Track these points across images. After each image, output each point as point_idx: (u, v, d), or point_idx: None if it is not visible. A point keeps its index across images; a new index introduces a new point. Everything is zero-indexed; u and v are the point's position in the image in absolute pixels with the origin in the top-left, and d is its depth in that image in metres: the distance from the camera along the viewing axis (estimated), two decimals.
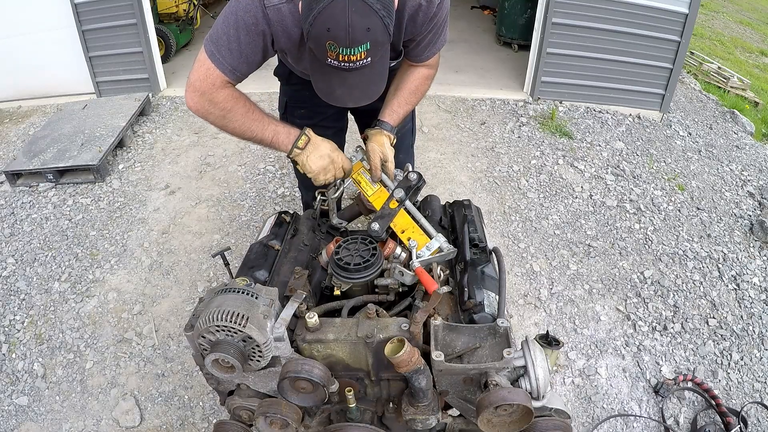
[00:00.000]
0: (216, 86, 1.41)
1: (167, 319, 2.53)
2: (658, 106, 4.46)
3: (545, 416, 1.09)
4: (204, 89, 1.41)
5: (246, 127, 1.48)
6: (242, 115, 1.46)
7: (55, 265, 2.85)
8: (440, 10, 1.44)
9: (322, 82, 1.30)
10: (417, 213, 1.49)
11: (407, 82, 1.68)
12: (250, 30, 1.35)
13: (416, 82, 1.68)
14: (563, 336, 2.49)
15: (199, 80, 1.40)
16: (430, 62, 1.67)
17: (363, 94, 1.31)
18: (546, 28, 4.16)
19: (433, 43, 1.58)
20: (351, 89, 1.28)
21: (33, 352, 2.40)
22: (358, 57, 1.16)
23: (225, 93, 1.43)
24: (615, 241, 3.09)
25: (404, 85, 1.68)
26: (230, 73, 1.41)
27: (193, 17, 6.04)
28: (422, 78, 1.69)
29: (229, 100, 1.44)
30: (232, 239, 3.02)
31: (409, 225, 1.46)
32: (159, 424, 2.12)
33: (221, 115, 1.46)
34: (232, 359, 1.04)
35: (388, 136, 1.63)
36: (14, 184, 3.47)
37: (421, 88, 1.71)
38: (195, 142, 3.98)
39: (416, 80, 1.68)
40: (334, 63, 1.18)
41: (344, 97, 1.30)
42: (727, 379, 2.35)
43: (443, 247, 1.39)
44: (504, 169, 3.67)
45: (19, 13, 4.22)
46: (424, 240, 1.41)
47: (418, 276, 1.27)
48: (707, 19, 8.88)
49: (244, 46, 1.37)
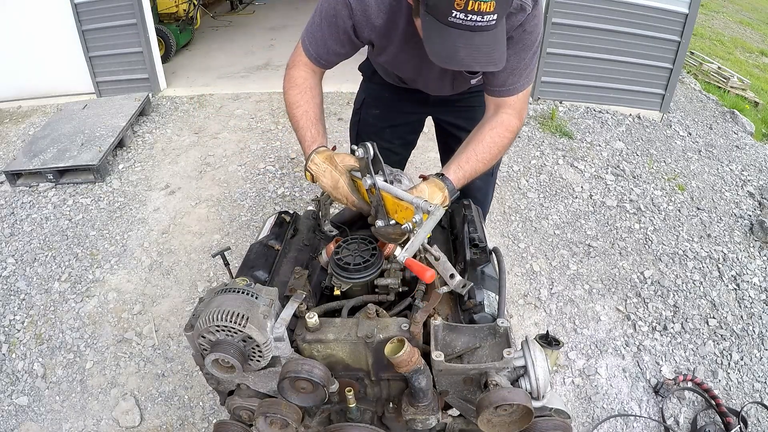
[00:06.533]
0: (296, 64, 1.51)
1: (167, 319, 2.53)
2: (658, 106, 4.46)
3: (545, 416, 1.09)
4: (291, 63, 1.53)
5: (291, 113, 1.50)
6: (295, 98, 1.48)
7: (55, 265, 2.85)
8: (529, 23, 1.31)
9: (440, 45, 1.14)
10: (389, 188, 1.28)
11: (483, 133, 1.43)
12: (331, 22, 1.39)
13: (493, 133, 1.42)
14: (563, 336, 2.49)
15: (292, 55, 1.53)
16: (511, 103, 1.44)
17: (489, 58, 1.16)
18: (546, 28, 4.16)
19: (516, 71, 1.39)
20: (477, 52, 1.13)
21: (33, 352, 2.40)
22: (487, 8, 1.06)
23: (300, 73, 1.50)
24: (615, 241, 3.09)
25: (479, 136, 1.43)
26: (315, 60, 1.49)
27: (193, 17, 6.05)
28: (502, 128, 1.43)
29: (298, 81, 1.49)
30: (232, 239, 3.02)
31: (394, 207, 1.28)
32: (159, 424, 2.12)
33: (286, 88, 1.51)
34: (232, 359, 1.04)
35: (442, 189, 1.32)
36: (14, 184, 3.47)
37: (499, 142, 1.43)
38: (195, 142, 3.98)
39: (493, 130, 1.42)
40: (460, 18, 1.07)
41: (468, 60, 1.14)
42: (727, 379, 2.35)
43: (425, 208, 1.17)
44: (504, 169, 3.67)
45: (19, 13, 4.22)
46: (410, 214, 1.22)
47: (408, 268, 1.16)
48: (707, 19, 8.88)
49: (327, 36, 1.43)
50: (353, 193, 1.33)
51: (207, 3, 7.50)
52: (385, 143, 1.94)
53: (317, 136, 1.43)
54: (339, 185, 1.32)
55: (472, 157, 1.40)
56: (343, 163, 1.34)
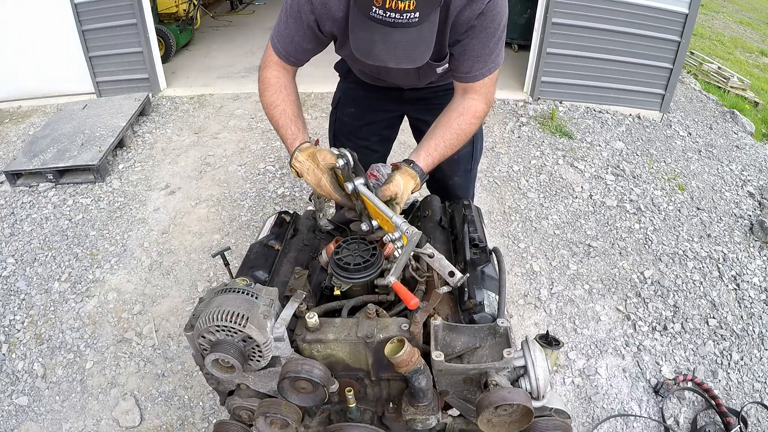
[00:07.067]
0: (267, 65, 1.53)
1: (167, 319, 2.53)
2: (658, 106, 4.46)
3: (545, 416, 1.09)
4: (262, 65, 1.54)
5: (269, 114, 1.51)
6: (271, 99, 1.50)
7: (55, 265, 2.85)
8: (490, 11, 1.32)
9: (361, 39, 1.19)
10: (371, 196, 1.30)
11: (450, 118, 1.47)
12: (296, 17, 1.41)
13: (460, 120, 1.46)
14: (563, 336, 2.49)
15: (263, 57, 1.55)
16: (478, 88, 1.48)
17: (406, 55, 1.19)
18: (546, 28, 4.16)
19: (481, 58, 1.42)
20: (394, 48, 1.16)
21: (33, 352, 2.40)
22: (405, 6, 1.07)
23: (272, 73, 1.51)
24: (615, 241, 3.09)
25: (446, 122, 1.47)
26: (284, 58, 1.50)
27: (193, 17, 6.05)
28: (469, 114, 1.47)
29: (271, 81, 1.51)
30: (232, 239, 3.02)
31: (376, 213, 1.30)
32: (159, 424, 2.12)
33: (261, 90, 1.52)
34: (232, 359, 1.04)
35: (414, 178, 1.40)
36: (14, 184, 3.47)
37: (466, 128, 1.47)
38: (195, 142, 3.98)
39: (461, 116, 1.47)
40: (379, 14, 1.10)
41: (384, 55, 1.18)
42: (727, 379, 2.35)
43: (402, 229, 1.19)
44: (504, 169, 3.67)
45: (19, 13, 4.22)
46: (391, 227, 1.24)
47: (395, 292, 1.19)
48: (707, 19, 8.88)
49: (293, 33, 1.44)
50: (336, 190, 1.37)
51: (207, 3, 7.49)
52: (363, 141, 1.95)
53: (298, 133, 1.46)
54: (321, 183, 1.36)
55: (440, 144, 1.45)
56: (325, 161, 1.34)
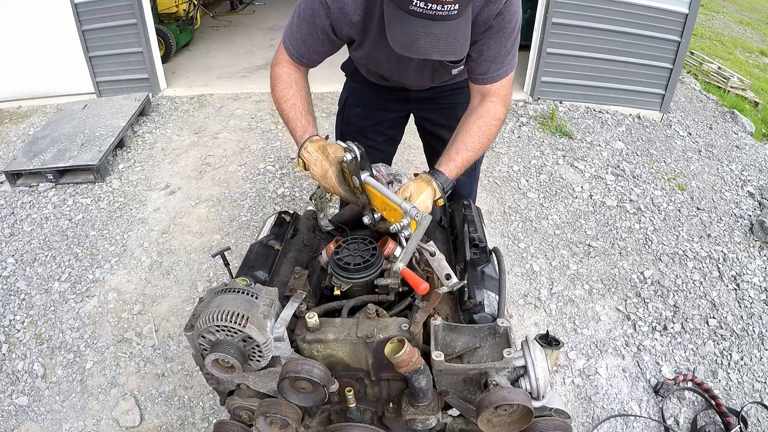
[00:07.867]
0: (279, 62, 1.55)
1: (167, 319, 2.53)
2: (658, 106, 4.46)
3: (545, 416, 1.09)
4: (274, 62, 1.57)
5: (280, 108, 1.52)
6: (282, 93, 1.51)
7: (55, 265, 2.85)
8: (507, 10, 1.32)
9: (401, 33, 1.16)
10: (379, 186, 1.32)
11: (470, 123, 1.45)
12: (310, 22, 1.41)
13: (480, 122, 1.44)
14: (563, 336, 2.49)
15: (275, 55, 1.57)
16: (495, 90, 1.46)
17: (449, 47, 1.17)
18: (546, 28, 4.16)
19: (497, 59, 1.41)
20: (436, 40, 1.14)
21: (33, 352, 2.40)
22: None
23: (284, 69, 1.53)
24: (615, 241, 3.09)
25: (467, 127, 1.45)
26: (297, 59, 1.52)
27: (193, 17, 6.05)
28: (488, 117, 1.45)
29: (283, 76, 1.52)
30: (232, 239, 3.02)
31: (383, 205, 1.30)
32: (159, 424, 2.12)
33: (272, 84, 1.54)
34: (232, 359, 1.04)
35: (435, 190, 1.35)
36: (14, 184, 3.47)
37: (487, 131, 1.45)
38: (195, 142, 3.98)
39: (480, 119, 1.45)
40: (420, 6, 1.09)
41: (428, 48, 1.15)
42: (727, 379, 2.35)
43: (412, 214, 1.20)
44: (504, 169, 3.67)
45: (19, 13, 4.22)
46: (398, 216, 1.26)
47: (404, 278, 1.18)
48: (707, 19, 8.88)
49: (306, 36, 1.45)
50: (341, 184, 1.37)
51: (207, 3, 7.49)
52: (369, 141, 1.95)
53: (308, 126, 1.46)
54: (328, 175, 1.36)
55: (462, 148, 1.43)
56: (335, 154, 1.35)
